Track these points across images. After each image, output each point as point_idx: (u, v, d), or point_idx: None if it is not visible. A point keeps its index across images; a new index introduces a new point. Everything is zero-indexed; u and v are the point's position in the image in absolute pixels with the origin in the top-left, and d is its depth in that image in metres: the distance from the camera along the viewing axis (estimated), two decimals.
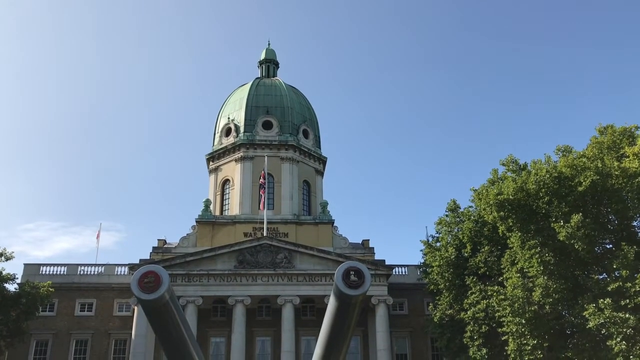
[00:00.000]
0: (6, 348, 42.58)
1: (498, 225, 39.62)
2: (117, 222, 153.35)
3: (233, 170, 59.78)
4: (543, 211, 37.03)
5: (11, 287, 42.40)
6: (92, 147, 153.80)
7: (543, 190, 36.45)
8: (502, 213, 37.96)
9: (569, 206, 35.78)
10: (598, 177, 35.19)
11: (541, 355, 35.91)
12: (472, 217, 45.16)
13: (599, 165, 35.81)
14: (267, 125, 61.26)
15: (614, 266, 34.03)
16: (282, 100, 63.45)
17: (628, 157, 36.57)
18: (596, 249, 37.04)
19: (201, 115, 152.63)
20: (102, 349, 49.32)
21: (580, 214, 34.56)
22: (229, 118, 62.94)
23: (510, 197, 37.04)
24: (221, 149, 61.42)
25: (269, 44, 72.75)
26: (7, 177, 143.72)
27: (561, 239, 34.67)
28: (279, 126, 61.18)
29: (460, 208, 48.11)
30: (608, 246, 38.13)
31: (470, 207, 46.61)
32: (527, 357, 36.04)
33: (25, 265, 51.66)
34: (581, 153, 38.19)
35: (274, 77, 69.04)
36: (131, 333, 47.64)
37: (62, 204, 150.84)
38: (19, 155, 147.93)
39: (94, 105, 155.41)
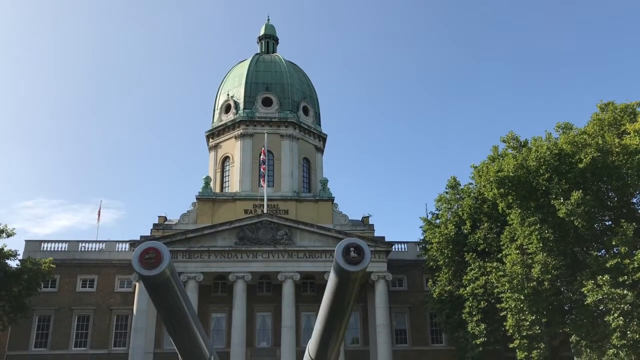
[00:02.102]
0: (9, 323, 43.00)
1: (498, 202, 39.71)
2: (117, 200, 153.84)
3: (233, 147, 59.66)
4: (543, 188, 37.08)
5: (13, 263, 42.73)
6: (91, 124, 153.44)
7: (543, 167, 36.45)
8: (502, 190, 38.03)
9: (569, 183, 35.82)
10: (598, 154, 35.18)
11: (539, 331, 36.31)
12: (472, 194, 45.25)
13: (600, 142, 35.77)
14: (267, 102, 60.96)
15: (613, 243, 34.22)
16: (281, 76, 63.05)
17: (629, 134, 36.51)
18: (595, 225, 37.20)
19: (201, 92, 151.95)
20: (103, 324, 49.80)
21: (580, 191, 34.61)
22: (228, 94, 62.61)
23: (511, 174, 37.06)
24: (221, 125, 61.21)
25: (268, 20, 72.10)
26: (6, 154, 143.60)
27: (561, 215, 34.78)
28: (279, 103, 60.88)
29: (460, 185, 48.19)
30: (607, 223, 38.29)
31: (471, 184, 46.70)
32: (526, 332, 36.45)
33: (27, 242, 51.90)
34: (582, 130, 38.11)
35: (273, 53, 68.50)
36: (132, 309, 48.06)
37: (61, 182, 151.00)
38: (17, 132, 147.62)
39: (92, 82, 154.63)
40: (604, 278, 32.93)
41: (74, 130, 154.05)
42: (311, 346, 14.43)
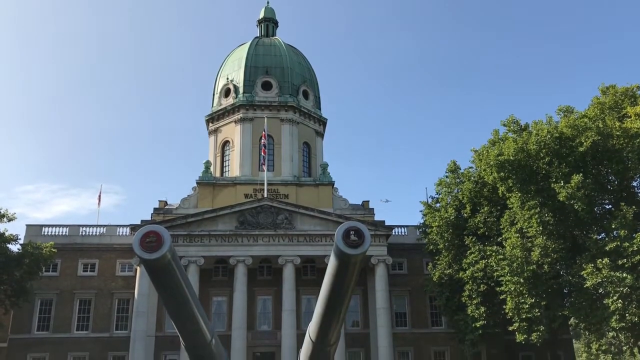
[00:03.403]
0: (11, 307, 43.25)
1: (498, 185, 39.73)
2: (116, 185, 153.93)
3: (233, 131, 59.49)
4: (543, 172, 37.08)
5: (14, 247, 42.86)
6: (90, 108, 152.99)
7: (544, 150, 36.42)
8: (502, 174, 38.03)
9: (570, 166, 35.81)
10: (599, 138, 35.12)
11: (538, 314, 36.53)
12: (472, 178, 45.24)
13: (600, 125, 35.67)
14: (267, 86, 60.64)
15: (613, 226, 34.30)
16: (281, 60, 62.66)
17: (630, 117, 36.40)
18: (595, 209, 37.27)
19: (201, 76, 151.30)
20: (105, 308, 50.06)
21: (581, 174, 34.61)
22: (227, 78, 62.27)
23: (511, 157, 37.02)
24: (220, 110, 60.97)
25: (267, 3, 71.40)
26: (5, 139, 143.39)
27: (561, 199, 34.81)
28: (279, 87, 60.58)
29: (460, 169, 48.17)
30: (607, 206, 38.36)
31: (471, 167, 46.67)
32: (525, 315, 36.67)
33: (28, 226, 51.98)
34: (583, 113, 37.97)
35: (273, 36, 68.01)
36: (134, 293, 48.28)
37: (61, 166, 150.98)
38: (16, 116, 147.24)
39: (91, 67, 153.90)
40: (603, 261, 33.05)
41: (73, 115, 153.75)
42: (312, 329, 14.49)
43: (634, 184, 38.13)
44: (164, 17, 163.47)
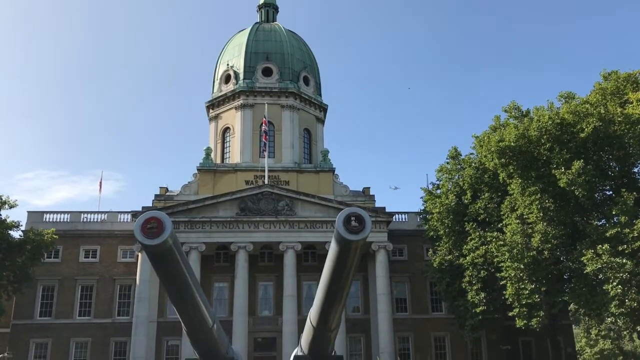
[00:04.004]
0: (14, 293, 43.48)
1: (499, 172, 39.70)
2: (116, 171, 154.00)
3: (233, 118, 59.37)
4: (544, 158, 37.03)
5: (16, 234, 43.00)
6: (90, 96, 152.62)
7: (545, 136, 36.34)
8: (503, 160, 37.98)
9: (571, 153, 35.75)
10: (600, 124, 35.01)
11: (538, 299, 36.68)
12: (473, 164, 45.20)
13: (602, 111, 35.54)
14: (267, 72, 60.39)
15: (613, 212, 34.33)
16: (281, 46, 62.35)
17: (631, 103, 36.25)
18: (596, 195, 37.26)
19: (201, 62, 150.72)
20: (107, 294, 50.31)
21: (582, 160, 34.56)
22: (228, 64, 62.01)
23: (512, 143, 36.95)
24: (221, 96, 60.79)
25: None
26: (4, 126, 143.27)
27: (562, 185, 34.80)
28: (279, 73, 60.33)
29: (461, 155, 48.12)
30: (608, 193, 38.34)
31: (472, 154, 46.61)
32: (525, 301, 36.80)
33: (29, 212, 52.09)
34: (584, 99, 37.82)
35: (273, 22, 67.61)
36: (135, 279, 48.50)
37: (61, 153, 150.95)
38: (15, 103, 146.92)
39: (91, 54, 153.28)
40: (603, 247, 33.11)
41: (72, 103, 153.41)
42: (313, 314, 14.56)
43: (635, 170, 38.07)
44: (165, 3, 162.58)
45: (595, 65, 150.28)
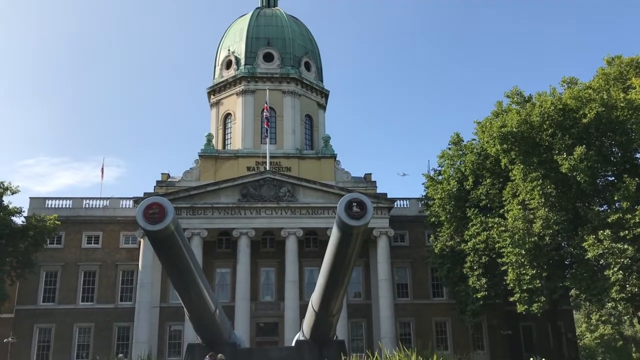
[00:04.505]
0: (17, 279, 43.73)
1: (501, 157, 39.65)
2: (117, 158, 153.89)
3: (234, 104, 59.22)
4: (546, 143, 36.95)
5: (18, 220, 43.15)
6: (90, 82, 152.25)
7: (547, 122, 36.24)
8: (505, 146, 37.90)
9: (573, 138, 35.67)
10: (603, 109, 34.87)
11: (539, 285, 36.81)
12: (475, 150, 45.14)
13: (605, 96, 35.39)
14: (268, 58, 60.12)
15: (615, 198, 34.33)
16: (283, 31, 62.01)
17: (634, 88, 36.10)
18: (598, 181, 37.22)
19: (203, 47, 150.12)
20: (109, 279, 50.54)
21: (584, 146, 34.50)
22: (229, 50, 61.71)
23: (514, 129, 36.87)
24: (222, 82, 60.59)
25: None
26: (5, 112, 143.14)
27: (563, 171, 34.77)
28: (280, 58, 60.06)
29: (463, 141, 48.05)
30: (610, 178, 38.30)
31: (474, 140, 46.53)
32: (526, 286, 36.93)
33: (31, 199, 52.19)
34: (587, 85, 37.65)
35: (274, 7, 67.20)
36: (138, 264, 48.70)
37: (62, 140, 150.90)
38: (16, 90, 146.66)
39: (92, 40, 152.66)
40: (605, 233, 33.16)
41: (73, 89, 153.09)
42: (314, 299, 14.61)
43: (638, 155, 38.00)
44: None
45: (599, 50, 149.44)
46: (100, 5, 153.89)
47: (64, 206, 52.08)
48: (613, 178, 37.82)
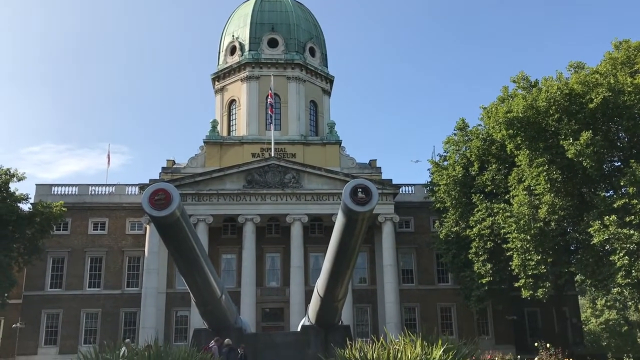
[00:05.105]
0: (24, 265, 44.04)
1: (506, 143, 39.50)
2: (122, 145, 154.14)
3: (239, 90, 59.11)
4: (552, 129, 36.76)
5: (25, 207, 43.34)
6: (95, 69, 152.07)
7: (553, 107, 36.02)
8: (511, 131, 37.73)
9: (579, 123, 35.46)
10: (610, 94, 34.59)
11: (544, 270, 36.84)
12: (480, 136, 44.99)
13: (612, 81, 35.08)
14: (273, 43, 59.85)
15: (621, 183, 34.16)
16: (287, 16, 61.66)
17: None
18: (604, 166, 37.05)
19: (207, 33, 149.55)
20: (116, 265, 50.86)
21: (590, 131, 34.30)
22: (233, 36, 61.45)
23: (520, 114, 36.67)
24: (226, 68, 60.42)
25: None
26: (10, 99, 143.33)
27: (570, 156, 34.61)
28: (285, 44, 59.79)
29: (469, 127, 47.88)
30: (616, 164, 38.14)
31: (479, 125, 46.37)
32: (531, 271, 36.96)
33: (37, 185, 52.43)
34: (594, 69, 37.33)
35: None
36: (144, 251, 48.98)
37: (66, 127, 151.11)
38: (20, 76, 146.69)
39: (97, 27, 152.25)
40: (610, 218, 33.06)
41: (78, 76, 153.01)
42: (320, 285, 14.66)
43: None
44: None
45: (607, 34, 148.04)
46: None
47: (70, 193, 52.29)
48: (619, 163, 37.65)
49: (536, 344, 36.61)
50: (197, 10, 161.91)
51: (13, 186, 42.24)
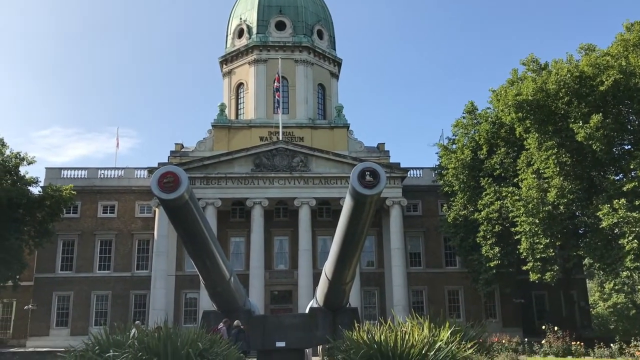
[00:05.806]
0: (35, 247, 44.50)
1: (515, 126, 39.30)
2: (131, 129, 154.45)
3: (247, 73, 58.94)
4: (562, 112, 36.50)
5: (35, 190, 43.68)
6: (102, 53, 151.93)
7: (563, 90, 35.72)
8: (520, 114, 37.51)
9: (589, 106, 35.18)
10: (621, 76, 34.25)
11: (553, 254, 36.83)
12: (489, 119, 44.78)
13: (623, 63, 34.72)
14: (280, 26, 59.52)
15: (631, 167, 33.98)
16: None
17: None
18: (614, 149, 36.80)
19: (216, 16, 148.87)
20: (125, 248, 51.29)
21: (600, 114, 34.03)
22: (240, 18, 61.13)
23: (529, 97, 36.41)
24: (234, 51, 60.20)
25: None
26: (19, 83, 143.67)
27: (579, 139, 34.39)
28: (293, 26, 59.43)
29: (477, 110, 47.62)
30: (626, 147, 37.86)
31: (488, 108, 46.12)
32: (539, 255, 36.95)
33: (47, 169, 52.73)
34: (605, 51, 36.90)
35: None
36: (153, 234, 49.33)
37: (75, 111, 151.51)
38: (29, 60, 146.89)
39: (105, 10, 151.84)
40: (620, 202, 32.92)
41: (86, 59, 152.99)
42: (328, 268, 14.74)
43: None
44: None
45: (618, 16, 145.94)
46: None
47: (79, 176, 52.60)
48: (629, 146, 37.38)
49: (544, 327, 36.70)
50: None
51: (23, 169, 42.58)
